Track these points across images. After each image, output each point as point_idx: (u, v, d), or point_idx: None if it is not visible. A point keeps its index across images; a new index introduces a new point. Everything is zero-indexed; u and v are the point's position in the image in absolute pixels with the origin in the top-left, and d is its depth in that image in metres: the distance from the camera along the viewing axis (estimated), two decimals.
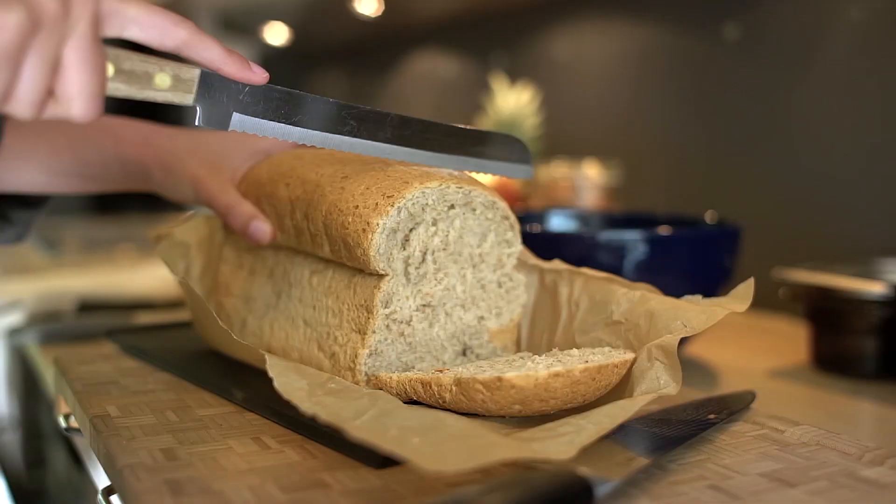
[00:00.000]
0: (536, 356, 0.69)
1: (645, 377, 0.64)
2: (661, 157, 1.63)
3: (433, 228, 0.70)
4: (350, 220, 0.67)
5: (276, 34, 2.80)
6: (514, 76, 1.94)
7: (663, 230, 0.95)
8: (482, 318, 0.75)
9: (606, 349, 0.69)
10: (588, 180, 1.52)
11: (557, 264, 0.76)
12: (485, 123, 1.86)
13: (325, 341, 0.72)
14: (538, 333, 0.78)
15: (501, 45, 2.12)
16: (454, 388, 0.62)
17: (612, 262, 0.92)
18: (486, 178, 1.66)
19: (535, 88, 1.86)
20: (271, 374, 0.58)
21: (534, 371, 0.60)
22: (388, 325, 0.69)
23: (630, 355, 0.65)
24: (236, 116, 0.61)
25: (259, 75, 0.60)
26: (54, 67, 0.47)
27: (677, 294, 0.97)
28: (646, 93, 1.69)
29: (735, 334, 1.15)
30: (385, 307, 0.69)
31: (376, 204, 0.66)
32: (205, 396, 0.73)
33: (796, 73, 1.37)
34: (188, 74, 0.58)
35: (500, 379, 0.59)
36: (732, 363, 1.03)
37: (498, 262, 0.74)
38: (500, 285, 0.75)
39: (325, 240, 0.71)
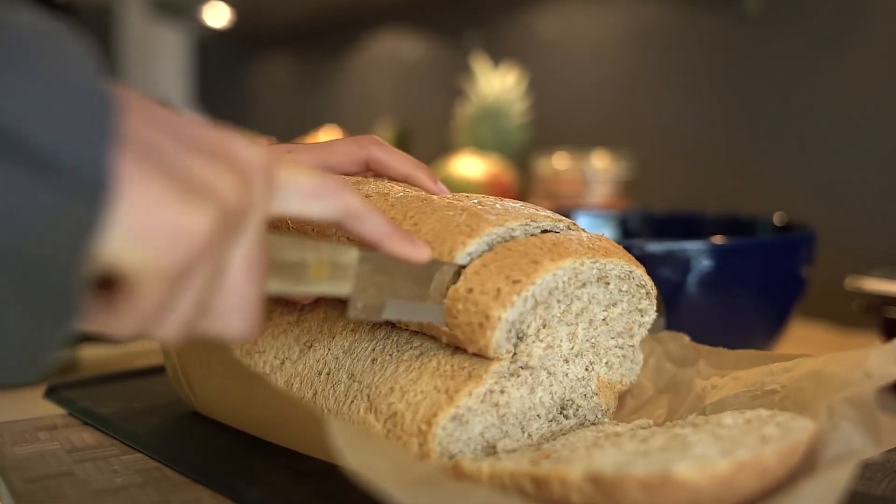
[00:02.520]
0: (678, 424, 0.51)
1: (831, 442, 0.47)
2: (673, 147, 1.45)
3: (557, 307, 0.55)
4: (461, 307, 0.51)
5: (217, 15, 2.56)
6: (494, 57, 1.75)
7: (732, 239, 0.80)
8: (592, 363, 0.58)
9: (761, 411, 0.52)
10: (599, 174, 1.33)
11: (700, 350, 0.63)
12: (468, 109, 1.66)
13: (383, 399, 0.53)
14: (649, 409, 0.62)
15: (475, 22, 1.91)
16: (588, 489, 0.43)
17: (671, 275, 0.77)
18: (479, 168, 1.49)
19: (521, 70, 1.67)
20: (340, 446, 0.40)
21: (708, 459, 0.43)
22: (483, 396, 0.52)
23: (808, 421, 0.48)
24: (391, 304, 0.50)
25: (423, 251, 0.50)
26: (217, 278, 0.37)
27: (749, 312, 0.83)
28: (650, 74, 1.51)
29: (806, 349, 0.96)
30: (492, 378, 0.52)
31: (498, 290, 0.51)
32: (201, 496, 0.52)
33: (830, 49, 1.20)
34: (345, 258, 0.47)
35: (666, 475, 0.41)
36: None
37: (626, 329, 0.59)
38: (619, 346, 0.59)
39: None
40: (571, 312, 0.55)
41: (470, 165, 1.50)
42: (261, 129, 2.47)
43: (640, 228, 1.04)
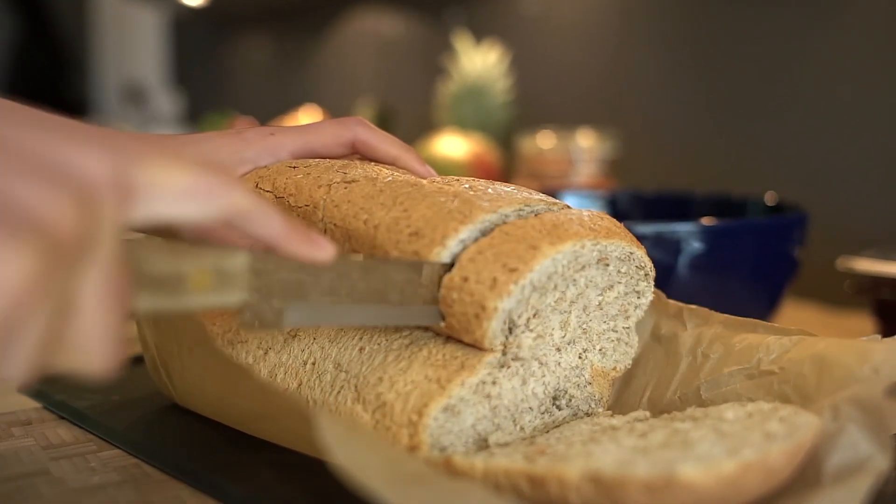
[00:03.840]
0: (677, 417, 0.50)
1: (836, 446, 0.45)
2: (659, 125, 1.43)
3: (553, 294, 0.52)
4: (456, 296, 0.49)
5: None
6: (476, 34, 1.72)
7: (723, 220, 0.79)
8: (585, 350, 0.56)
9: (762, 403, 0.50)
10: (585, 153, 1.31)
11: (682, 306, 0.60)
12: (450, 88, 1.64)
13: (371, 389, 0.50)
14: (636, 389, 0.60)
15: None
16: (587, 489, 0.41)
17: (662, 258, 0.76)
18: (462, 148, 1.47)
19: (503, 48, 1.65)
20: (328, 441, 0.38)
21: (713, 459, 0.41)
22: (475, 386, 0.50)
23: (811, 416, 0.46)
24: (292, 310, 0.44)
25: (326, 251, 0.44)
26: (65, 312, 0.32)
27: (740, 294, 0.82)
28: (635, 51, 1.48)
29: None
30: (485, 369, 0.50)
31: (494, 280, 0.48)
32: (181, 494, 0.50)
33: (820, 26, 1.19)
34: (233, 265, 0.41)
35: (670, 476, 0.39)
36: None
37: (622, 312, 0.57)
38: (613, 330, 0.57)
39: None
40: (566, 300, 0.53)
41: (453, 145, 1.47)
42: (240, 109, 2.44)
43: (628, 209, 1.02)
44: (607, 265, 0.54)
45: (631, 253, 0.54)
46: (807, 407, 0.49)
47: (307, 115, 2.00)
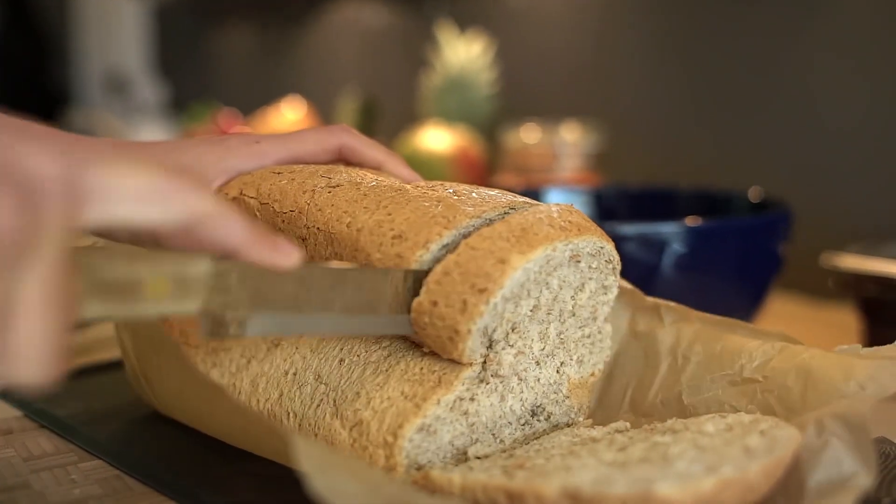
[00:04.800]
0: (657, 429, 0.49)
1: (819, 462, 0.45)
2: (644, 119, 1.43)
3: (527, 301, 0.51)
4: (427, 321, 0.48)
5: None
6: (460, 25, 1.71)
7: (707, 220, 0.79)
8: (563, 364, 0.55)
9: (742, 415, 0.50)
10: (569, 147, 1.31)
11: (658, 302, 0.60)
12: (433, 80, 1.63)
13: (349, 405, 0.50)
14: (617, 390, 0.59)
15: None
16: None
17: (646, 257, 0.76)
18: (446, 141, 1.47)
19: (487, 39, 1.64)
20: (306, 468, 0.37)
21: (691, 477, 0.40)
22: (452, 404, 0.49)
23: (793, 430, 0.46)
24: (256, 319, 0.43)
25: (290, 257, 0.43)
26: (2, 316, 0.31)
27: (725, 292, 0.82)
28: (620, 43, 1.48)
29: (780, 325, 0.95)
30: (462, 385, 0.50)
31: (464, 302, 0.47)
32: None
33: (806, 20, 1.18)
34: (193, 271, 0.39)
35: (647, 495, 0.39)
36: None
37: (591, 314, 0.56)
38: (586, 336, 0.57)
39: None
40: (542, 307, 0.52)
41: (437, 138, 1.47)
42: (223, 100, 2.42)
43: (613, 204, 1.02)
44: (579, 262, 0.53)
45: (601, 248, 0.54)
46: (790, 420, 0.48)
47: (290, 107, 1.99)
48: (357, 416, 0.49)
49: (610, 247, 0.54)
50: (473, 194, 0.54)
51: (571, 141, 1.32)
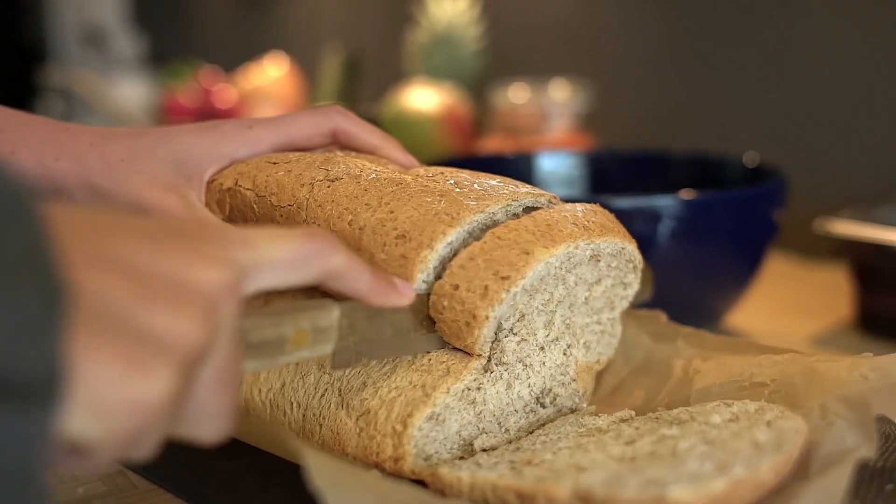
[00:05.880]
0: (663, 418, 0.50)
1: (825, 440, 0.46)
2: (635, 76, 1.41)
3: (542, 295, 0.52)
4: (446, 304, 0.48)
5: None
6: None
7: (702, 193, 0.78)
8: (569, 346, 0.56)
9: (748, 403, 0.50)
10: (558, 106, 1.30)
11: (678, 329, 0.61)
12: (419, 36, 1.61)
13: (355, 394, 0.50)
14: (626, 390, 0.59)
15: None
16: None
17: (642, 229, 0.76)
18: (433, 100, 1.45)
19: None
20: (319, 485, 0.38)
21: (702, 478, 0.41)
22: (460, 393, 0.50)
23: (798, 420, 0.47)
24: (374, 348, 0.49)
25: (407, 295, 0.48)
26: (186, 398, 0.35)
27: (721, 260, 0.82)
28: None
29: (773, 287, 0.97)
30: (471, 374, 0.50)
31: (486, 288, 0.48)
32: None
33: None
34: (326, 320, 0.45)
35: (661, 498, 0.40)
36: (770, 329, 0.88)
37: (606, 304, 0.56)
38: (596, 323, 0.57)
39: None
40: (553, 301, 0.52)
41: (424, 98, 1.45)
42: (204, 54, 2.39)
43: (605, 168, 1.01)
44: (598, 261, 0.53)
45: (622, 248, 0.54)
46: (795, 409, 0.49)
47: (272, 63, 1.97)
48: (364, 406, 0.49)
49: (632, 247, 0.54)
50: (475, 185, 0.53)
51: (561, 100, 1.30)
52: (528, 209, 0.54)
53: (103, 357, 0.31)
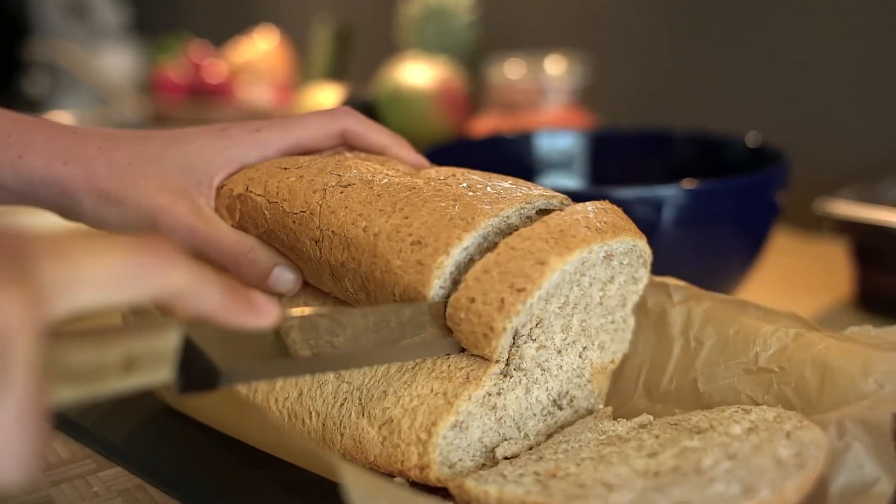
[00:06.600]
0: (682, 426, 0.50)
1: (841, 466, 0.46)
2: (632, 50, 1.40)
3: (557, 299, 0.52)
4: (463, 316, 0.48)
5: None
6: None
7: (705, 182, 0.77)
8: (585, 349, 0.56)
9: (765, 410, 0.50)
10: (554, 82, 1.29)
11: (667, 280, 0.59)
12: (411, 8, 1.59)
13: (377, 403, 0.50)
14: (630, 373, 0.59)
15: None
16: None
17: (645, 216, 0.76)
18: (428, 75, 1.43)
19: None
20: (356, 501, 0.38)
21: (730, 501, 0.41)
22: (481, 399, 0.50)
23: (818, 432, 0.47)
24: (226, 374, 0.42)
25: (268, 316, 0.41)
26: None
27: (725, 244, 0.82)
28: None
29: (773, 265, 0.97)
30: (490, 381, 0.50)
31: (502, 301, 0.47)
32: None
33: None
34: (163, 344, 0.38)
35: None
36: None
37: (619, 302, 0.57)
38: (610, 322, 0.57)
39: None
40: (570, 303, 0.52)
41: (419, 73, 1.44)
42: (192, 29, 2.36)
43: (606, 148, 1.00)
44: (611, 260, 0.53)
45: (634, 245, 0.54)
46: (809, 414, 0.49)
47: (262, 37, 1.94)
48: (386, 415, 0.50)
49: (642, 244, 0.54)
50: (488, 188, 0.53)
51: (557, 75, 1.29)
52: (542, 211, 0.54)
53: None
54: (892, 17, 1.09)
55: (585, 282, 0.53)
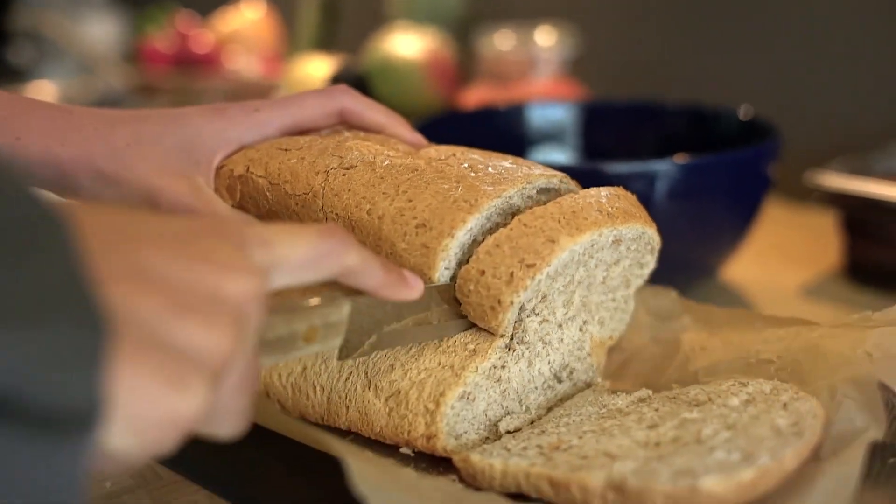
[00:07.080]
0: (681, 398, 0.51)
1: (833, 421, 0.48)
2: (622, 20, 1.40)
3: (563, 278, 0.53)
4: (472, 288, 0.49)
5: None
6: None
7: (698, 157, 0.79)
8: (585, 322, 0.57)
9: (762, 383, 0.52)
10: (545, 52, 1.29)
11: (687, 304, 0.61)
12: None
13: (384, 376, 0.52)
14: (634, 367, 0.60)
15: None
16: (610, 497, 0.43)
17: (638, 190, 0.76)
18: (417, 46, 1.43)
19: None
20: (361, 488, 0.40)
21: (731, 468, 0.42)
22: (487, 371, 0.52)
23: (813, 402, 0.49)
24: (382, 338, 0.50)
25: (416, 288, 0.49)
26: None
27: (718, 216, 0.83)
28: None
29: (764, 236, 0.96)
30: (495, 354, 0.52)
31: (511, 275, 0.49)
32: (197, 498, 0.50)
33: None
34: (337, 315, 0.46)
35: (694, 489, 0.41)
36: (759, 280, 0.90)
37: (622, 282, 0.58)
38: (611, 300, 0.58)
39: None
40: (574, 282, 0.54)
41: (408, 43, 1.43)
42: (179, 0, 2.34)
43: (598, 120, 1.01)
44: (619, 245, 0.54)
45: (643, 232, 0.55)
46: (802, 387, 0.50)
47: (250, 6, 1.93)
48: (394, 387, 0.51)
49: (651, 231, 0.56)
50: (490, 168, 0.54)
51: (547, 46, 1.29)
52: (543, 190, 0.54)
53: (142, 376, 0.31)
54: None
55: (592, 263, 0.54)
